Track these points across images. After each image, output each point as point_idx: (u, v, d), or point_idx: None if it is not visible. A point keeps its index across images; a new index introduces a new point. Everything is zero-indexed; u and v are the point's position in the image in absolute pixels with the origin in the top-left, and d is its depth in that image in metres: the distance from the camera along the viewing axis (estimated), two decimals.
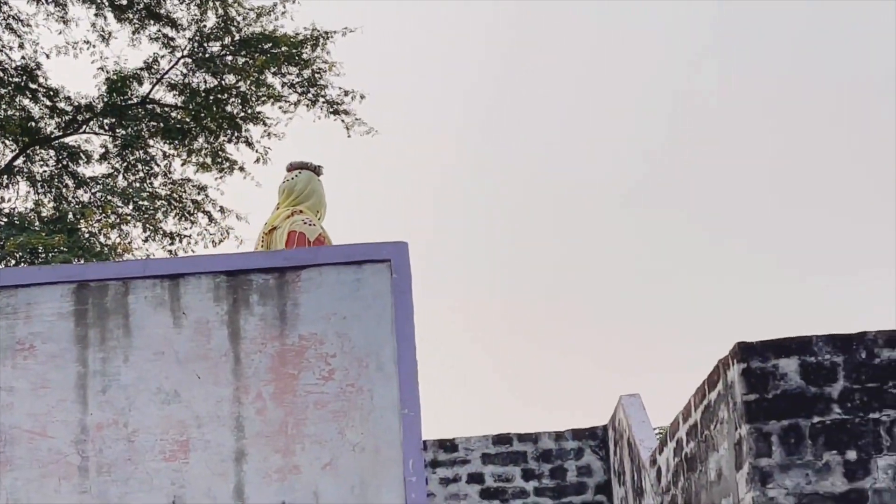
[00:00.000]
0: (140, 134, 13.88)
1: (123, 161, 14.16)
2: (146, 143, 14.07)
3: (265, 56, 13.89)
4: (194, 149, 14.17)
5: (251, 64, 13.98)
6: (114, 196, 13.72)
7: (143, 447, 5.14)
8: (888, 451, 5.13)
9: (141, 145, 14.01)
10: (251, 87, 14.15)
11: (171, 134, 13.95)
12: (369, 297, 5.34)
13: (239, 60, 14.09)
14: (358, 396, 5.19)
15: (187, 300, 5.31)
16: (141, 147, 14.04)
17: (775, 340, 5.26)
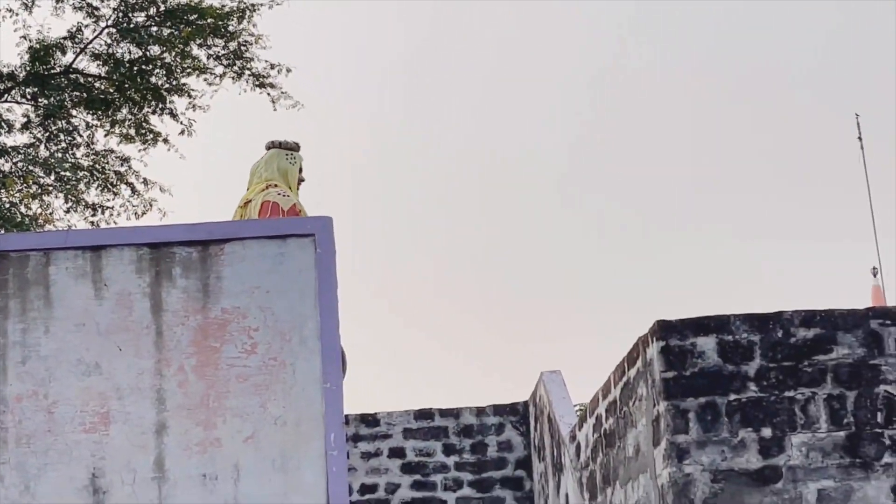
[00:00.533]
0: (63, 104, 13.73)
1: (45, 131, 14.01)
2: (69, 113, 13.93)
3: (190, 27, 13.79)
4: (118, 120, 14.06)
5: (176, 35, 13.87)
6: (35, 166, 13.59)
7: (62, 419, 5.11)
8: (802, 428, 5.21)
9: (64, 115, 13.87)
10: (176, 59, 14.05)
11: (95, 104, 13.82)
12: (293, 271, 5.31)
13: (164, 31, 13.98)
14: (280, 370, 5.17)
15: (109, 272, 5.26)
16: (63, 117, 13.90)
17: (694, 319, 5.32)
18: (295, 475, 5.03)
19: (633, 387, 5.67)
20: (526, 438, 8.20)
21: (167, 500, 5.02)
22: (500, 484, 8.41)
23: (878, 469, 5.18)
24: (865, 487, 5.16)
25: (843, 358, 5.28)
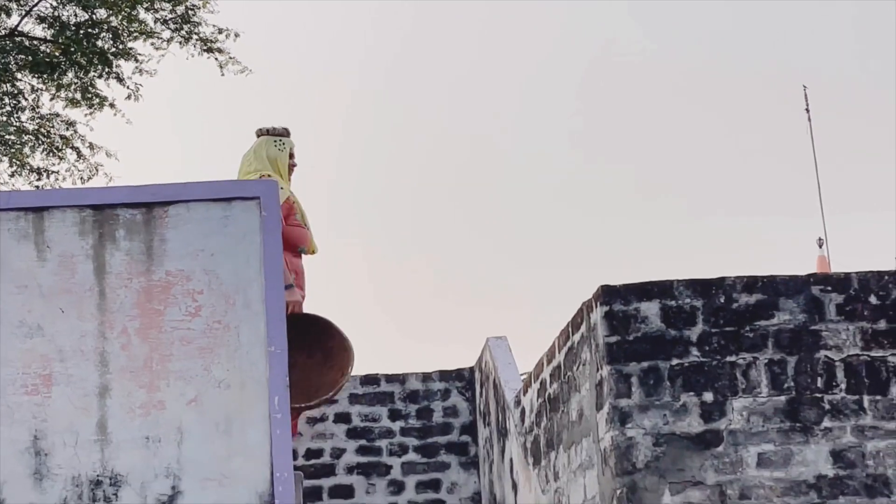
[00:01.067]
0: (7, 67, 13.63)
1: None
2: (13, 76, 13.83)
3: None
4: (63, 83, 13.97)
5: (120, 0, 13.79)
6: None
7: (4, 381, 5.11)
8: (743, 393, 5.26)
9: (8, 79, 13.77)
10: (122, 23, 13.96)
11: (40, 68, 13.72)
12: (238, 234, 5.30)
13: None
14: (224, 333, 5.17)
15: (52, 233, 5.24)
16: (8, 80, 13.80)
17: (637, 284, 5.34)
18: (239, 438, 5.03)
19: (577, 352, 5.70)
20: (471, 404, 8.23)
21: (110, 462, 5.02)
22: (445, 449, 8.44)
23: (817, 433, 5.24)
24: (805, 451, 5.22)
25: (784, 323, 5.32)
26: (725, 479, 5.18)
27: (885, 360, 5.31)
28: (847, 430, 5.24)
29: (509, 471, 7.10)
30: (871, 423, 5.26)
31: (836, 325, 5.33)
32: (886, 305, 5.36)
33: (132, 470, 4.84)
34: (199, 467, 4.87)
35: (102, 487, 4.84)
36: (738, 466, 5.20)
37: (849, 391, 5.28)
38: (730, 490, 5.17)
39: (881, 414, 5.26)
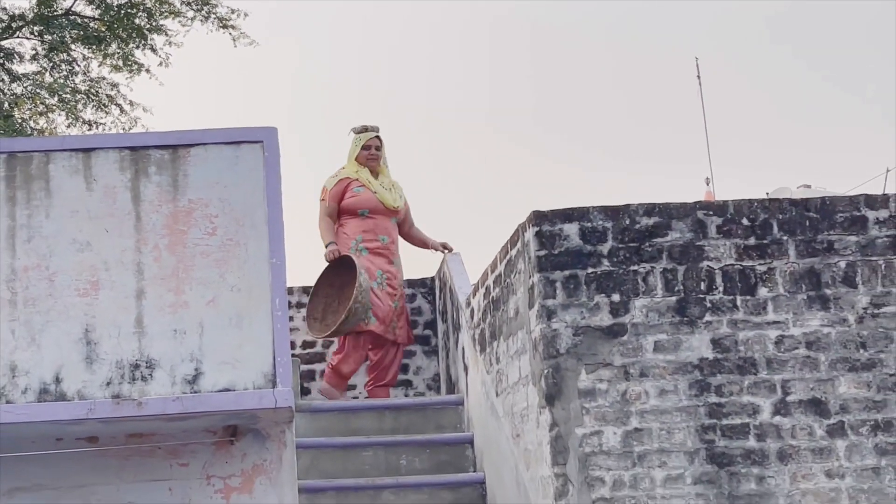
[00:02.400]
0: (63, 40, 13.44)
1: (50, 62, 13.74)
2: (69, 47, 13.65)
3: None
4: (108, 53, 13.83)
5: None
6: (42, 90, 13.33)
7: (61, 286, 5.11)
8: (643, 294, 5.19)
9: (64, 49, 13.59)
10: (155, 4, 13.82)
11: (90, 40, 13.57)
12: (246, 170, 5.28)
13: None
14: (236, 248, 5.16)
15: (97, 169, 5.22)
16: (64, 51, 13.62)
17: (561, 210, 5.24)
18: (248, 331, 5.03)
19: (514, 263, 5.62)
20: (433, 305, 8.14)
21: (145, 350, 5.03)
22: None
23: (700, 325, 5.18)
24: (691, 339, 5.17)
25: (675, 240, 5.25)
26: (629, 361, 5.13)
27: (753, 268, 5.25)
28: (723, 323, 5.19)
29: (461, 357, 7.04)
30: (742, 317, 5.21)
31: (716, 241, 5.26)
32: (755, 226, 5.29)
33: (163, 356, 4.85)
34: (217, 354, 4.87)
35: (140, 369, 4.81)
36: (638, 351, 5.14)
37: (725, 293, 5.22)
38: (632, 370, 5.12)
39: (750, 310, 5.21)
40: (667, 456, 5.06)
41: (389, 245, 7.20)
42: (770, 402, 5.14)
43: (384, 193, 7.18)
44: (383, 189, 7.20)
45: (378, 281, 7.09)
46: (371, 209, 7.14)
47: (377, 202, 7.14)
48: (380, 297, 7.07)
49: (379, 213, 7.16)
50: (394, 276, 7.21)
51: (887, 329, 5.22)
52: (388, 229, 7.22)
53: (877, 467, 5.11)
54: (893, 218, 5.31)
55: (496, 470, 6.08)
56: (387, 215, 7.20)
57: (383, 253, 7.16)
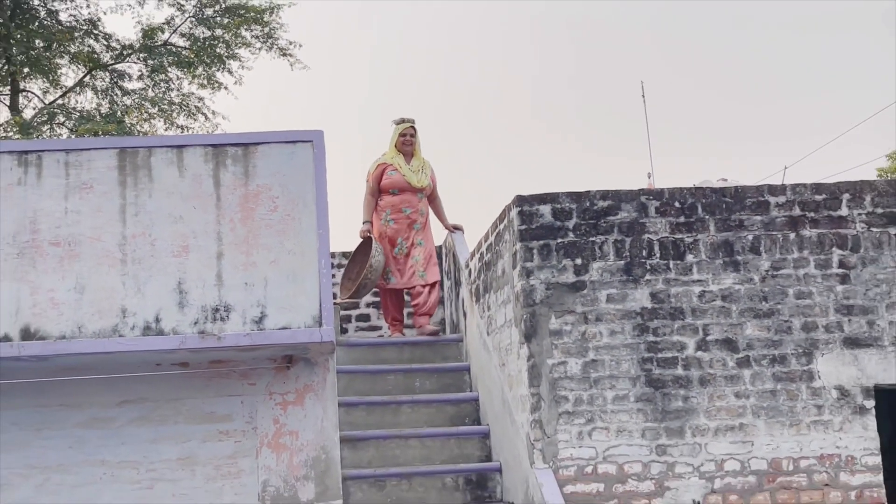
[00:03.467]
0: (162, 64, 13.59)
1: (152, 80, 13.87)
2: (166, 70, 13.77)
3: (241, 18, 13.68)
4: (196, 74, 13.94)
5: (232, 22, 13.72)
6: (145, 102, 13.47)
7: (160, 249, 5.08)
8: (599, 259, 5.33)
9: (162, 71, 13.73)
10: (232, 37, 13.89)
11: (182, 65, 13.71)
12: (299, 162, 5.26)
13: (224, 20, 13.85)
14: (292, 222, 5.18)
15: (188, 161, 5.24)
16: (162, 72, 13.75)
17: (537, 194, 5.35)
18: (300, 284, 5.08)
19: (501, 235, 5.79)
20: (440, 267, 8.32)
21: (223, 297, 5.06)
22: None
23: (642, 283, 5.33)
24: (634, 293, 5.32)
25: (624, 218, 5.38)
26: (587, 309, 5.28)
27: (682, 240, 5.39)
28: (659, 281, 5.33)
29: (462, 306, 7.22)
30: (674, 277, 5.35)
31: (655, 219, 5.40)
32: (684, 208, 5.43)
33: (237, 303, 4.91)
34: (278, 301, 4.94)
35: (219, 312, 4.89)
36: (594, 302, 5.29)
37: (661, 258, 5.35)
38: (590, 316, 5.28)
39: (679, 272, 5.35)
40: (615, 381, 5.24)
41: (411, 214, 7.12)
42: (694, 341, 5.31)
43: (411, 175, 7.12)
44: (411, 171, 7.14)
45: (398, 248, 7.08)
46: (399, 188, 7.12)
47: (405, 182, 7.11)
48: (399, 260, 7.08)
49: (406, 191, 7.13)
50: (414, 241, 7.12)
51: (783, 286, 5.39)
52: (413, 203, 7.14)
53: (773, 390, 5.30)
54: (789, 202, 5.49)
55: (487, 390, 6.24)
56: (413, 192, 7.15)
57: (406, 221, 7.10)
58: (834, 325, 5.33)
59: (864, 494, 5.14)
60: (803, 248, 5.45)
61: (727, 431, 5.25)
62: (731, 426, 5.25)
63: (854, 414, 5.22)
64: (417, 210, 7.22)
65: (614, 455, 5.17)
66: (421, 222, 7.23)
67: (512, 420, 5.60)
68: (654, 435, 5.21)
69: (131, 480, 4.99)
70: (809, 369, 5.33)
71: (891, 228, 5.44)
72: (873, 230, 5.43)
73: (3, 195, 4.94)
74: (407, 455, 6.05)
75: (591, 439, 5.17)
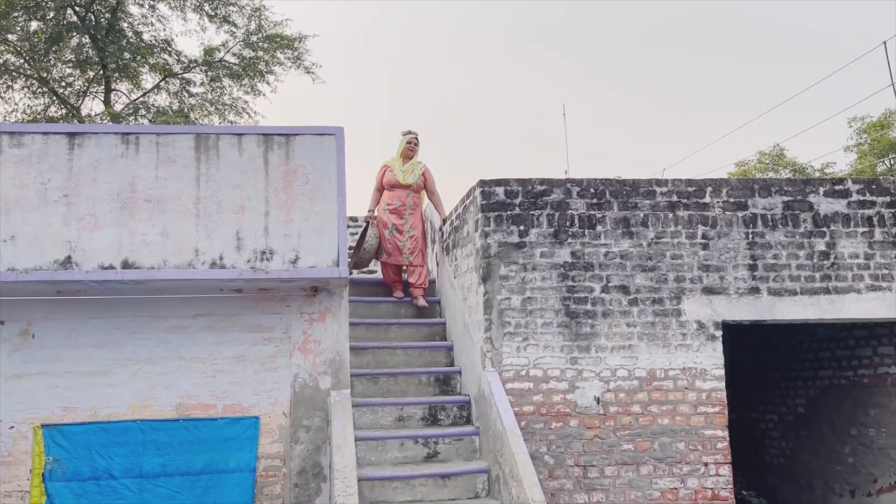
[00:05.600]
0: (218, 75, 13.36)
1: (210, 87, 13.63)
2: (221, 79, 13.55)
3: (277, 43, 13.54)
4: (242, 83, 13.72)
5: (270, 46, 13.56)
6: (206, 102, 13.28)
7: (224, 207, 5.09)
8: (535, 226, 5.41)
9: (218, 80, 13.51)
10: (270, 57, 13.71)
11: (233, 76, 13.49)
12: (326, 150, 5.30)
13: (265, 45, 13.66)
14: (319, 192, 5.23)
15: (245, 145, 5.22)
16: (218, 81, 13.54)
17: (494, 179, 5.39)
18: (325, 236, 5.14)
19: (468, 206, 5.78)
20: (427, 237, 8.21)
21: (269, 244, 5.13)
22: None
23: (565, 245, 5.38)
24: (560, 251, 5.38)
25: (554, 198, 5.43)
26: (527, 261, 5.35)
27: (594, 215, 5.46)
28: (577, 244, 5.41)
29: (435, 257, 7.24)
30: (588, 241, 5.42)
31: (576, 200, 5.46)
32: (597, 192, 5.48)
33: (278, 248, 4.96)
34: (308, 248, 4.99)
35: (266, 255, 4.98)
36: (532, 257, 5.35)
37: (579, 227, 5.42)
38: (528, 266, 5.35)
39: (591, 238, 5.42)
40: (544, 312, 5.32)
41: (400, 208, 6.74)
42: (600, 287, 5.40)
43: (400, 174, 6.71)
44: (401, 172, 6.73)
45: (389, 230, 6.72)
46: (392, 185, 6.78)
47: (395, 180, 6.75)
48: (389, 240, 6.73)
49: (397, 187, 6.77)
50: (401, 226, 6.75)
51: (663, 250, 5.48)
52: (402, 196, 6.74)
53: (653, 322, 5.41)
54: (669, 192, 5.56)
55: (452, 317, 6.26)
56: (402, 188, 6.76)
57: (396, 211, 6.75)
58: (696, 279, 5.48)
59: (712, 395, 5.33)
60: (678, 224, 5.56)
61: (620, 350, 5.38)
62: (623, 346, 5.39)
63: (707, 340, 5.40)
64: (405, 203, 6.80)
65: (541, 363, 5.30)
66: (408, 212, 6.81)
67: (470, 337, 5.69)
68: (569, 350, 5.34)
69: (201, 371, 5.08)
70: (678, 308, 5.47)
71: (738, 212, 5.60)
72: (727, 213, 5.59)
73: (109, 165, 4.94)
74: (394, 360, 6.10)
75: (525, 352, 5.28)
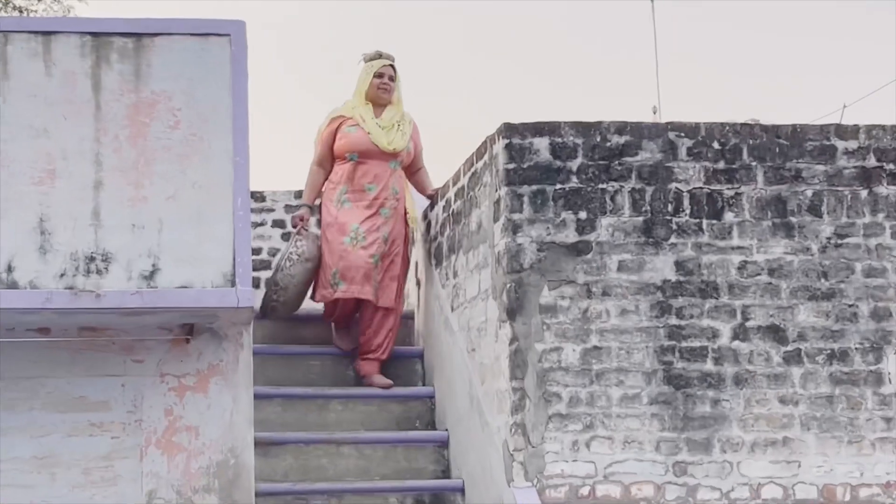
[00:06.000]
0: None
1: None
2: None
3: None
4: None
5: None
6: None
7: (15, 172, 5.09)
8: (610, 213, 5.30)
9: None
10: None
11: None
12: (211, 64, 5.27)
13: None
14: (199, 144, 5.18)
15: (58, 54, 5.19)
16: None
17: (532, 123, 5.31)
18: (207, 229, 5.07)
19: (479, 176, 5.71)
20: None
21: (101, 243, 5.05)
22: None
23: (665, 247, 5.32)
24: (654, 260, 5.30)
25: (645, 160, 5.35)
26: (592, 279, 5.25)
27: (721, 192, 5.38)
28: (688, 246, 5.32)
29: (414, 271, 7.15)
30: (707, 241, 5.33)
31: (686, 163, 5.38)
32: (725, 150, 5.41)
33: (120, 250, 4.90)
34: (175, 250, 4.92)
35: (95, 262, 4.85)
36: (602, 270, 5.26)
37: (692, 215, 5.34)
38: (594, 288, 5.25)
39: (715, 234, 5.34)
40: (624, 375, 5.22)
41: (379, 194, 6.40)
42: (729, 327, 5.30)
43: (378, 133, 6.37)
44: (379, 128, 6.39)
45: (351, 236, 6.33)
46: (361, 152, 6.37)
47: (369, 143, 6.37)
48: (351, 253, 6.34)
49: (372, 157, 6.38)
50: (375, 229, 6.38)
51: (849, 260, 5.40)
52: (382, 175, 6.39)
53: (830, 395, 5.32)
54: (862, 149, 5.47)
55: (447, 383, 6.23)
56: (382, 159, 6.39)
57: (370, 204, 6.39)
58: None
59: None
60: (877, 211, 5.47)
61: (767, 447, 5.29)
62: (773, 440, 5.30)
63: None
64: (388, 187, 6.44)
65: (619, 473, 5.19)
66: (392, 206, 6.46)
67: (483, 423, 5.59)
68: (671, 448, 5.24)
69: None
70: (878, 370, 5.37)
71: None
72: None
73: None
74: (338, 467, 6.12)
75: (589, 451, 5.19)
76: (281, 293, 6.42)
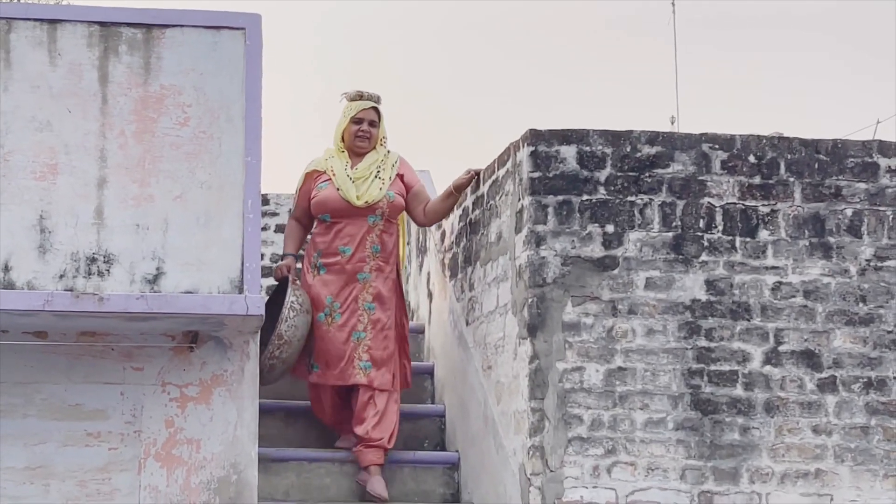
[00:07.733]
0: None
1: None
2: None
3: None
4: None
5: None
6: None
7: (15, 166, 5.11)
8: (639, 227, 5.27)
9: None
10: None
11: None
12: (224, 58, 5.29)
13: None
14: (208, 142, 5.18)
15: (63, 43, 5.19)
16: None
17: (560, 130, 5.29)
18: (215, 231, 5.07)
19: (500, 184, 5.68)
20: None
21: (104, 243, 5.05)
22: None
23: (696, 265, 5.29)
24: (684, 279, 5.28)
25: (677, 173, 5.33)
26: (618, 296, 5.22)
27: (756, 209, 5.35)
28: (720, 265, 5.29)
29: (426, 282, 7.13)
30: (740, 259, 5.31)
31: (720, 177, 5.36)
32: (761, 164, 5.39)
33: (123, 251, 4.90)
34: (181, 253, 4.93)
35: (97, 264, 4.85)
36: (628, 287, 5.23)
37: (724, 232, 5.31)
38: (620, 306, 5.22)
39: (749, 253, 5.32)
40: (649, 398, 5.19)
41: (353, 256, 5.89)
42: (761, 351, 5.27)
43: (348, 188, 5.88)
44: (350, 181, 5.89)
45: (326, 311, 5.88)
46: (332, 211, 5.91)
47: (339, 201, 5.88)
48: (326, 333, 5.89)
49: (344, 216, 5.89)
50: (352, 299, 5.89)
51: (889, 284, 5.37)
52: (355, 235, 5.89)
53: (866, 426, 5.28)
54: None
55: (460, 402, 6.19)
56: (358, 215, 5.88)
57: (344, 269, 5.91)
58: None
59: None
60: None
61: (798, 479, 5.26)
62: (805, 472, 5.27)
63: None
64: (365, 246, 5.93)
65: (641, 501, 5.17)
66: (373, 268, 5.94)
67: (498, 445, 5.55)
68: (697, 477, 5.20)
69: None
70: None
71: None
72: None
73: None
74: (341, 486, 6.06)
75: (610, 477, 5.16)
76: (284, 348, 5.75)
